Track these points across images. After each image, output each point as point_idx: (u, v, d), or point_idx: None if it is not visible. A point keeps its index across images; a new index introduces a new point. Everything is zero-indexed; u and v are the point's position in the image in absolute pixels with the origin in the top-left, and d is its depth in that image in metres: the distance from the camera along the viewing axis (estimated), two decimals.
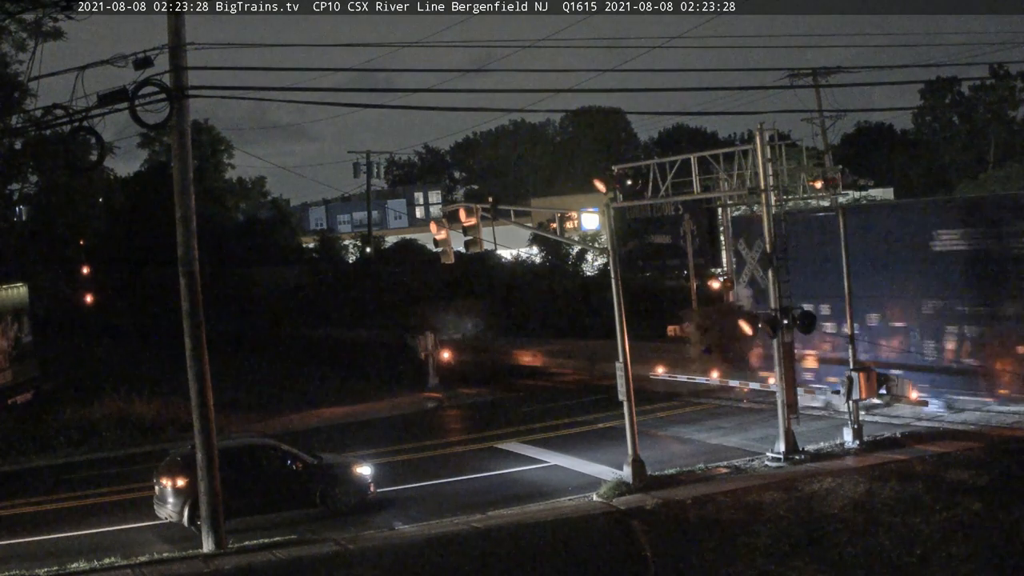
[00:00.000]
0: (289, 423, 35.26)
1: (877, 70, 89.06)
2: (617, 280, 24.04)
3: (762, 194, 24.88)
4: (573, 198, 75.86)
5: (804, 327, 24.64)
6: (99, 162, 23.73)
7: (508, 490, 24.55)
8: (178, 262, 20.60)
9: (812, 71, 57.39)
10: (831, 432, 26.73)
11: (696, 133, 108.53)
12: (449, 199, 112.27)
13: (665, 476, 23.81)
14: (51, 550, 21.53)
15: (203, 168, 69.20)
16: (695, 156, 26.83)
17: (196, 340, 20.52)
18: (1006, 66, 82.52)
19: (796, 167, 32.73)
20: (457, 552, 20.13)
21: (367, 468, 24.36)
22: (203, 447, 20.49)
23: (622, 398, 23.88)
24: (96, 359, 53.84)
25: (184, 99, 20.06)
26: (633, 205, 28.66)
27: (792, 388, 24.78)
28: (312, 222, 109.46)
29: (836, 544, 20.82)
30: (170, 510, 22.63)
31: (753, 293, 32.03)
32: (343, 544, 20.41)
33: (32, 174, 56.24)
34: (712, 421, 30.93)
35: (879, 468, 23.31)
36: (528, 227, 39.78)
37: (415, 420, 35.69)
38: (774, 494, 22.25)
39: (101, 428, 33.86)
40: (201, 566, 19.47)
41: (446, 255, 25.50)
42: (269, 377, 45.78)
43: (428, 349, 39.78)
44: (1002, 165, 68.27)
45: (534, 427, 32.10)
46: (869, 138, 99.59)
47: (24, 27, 41.50)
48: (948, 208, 29.61)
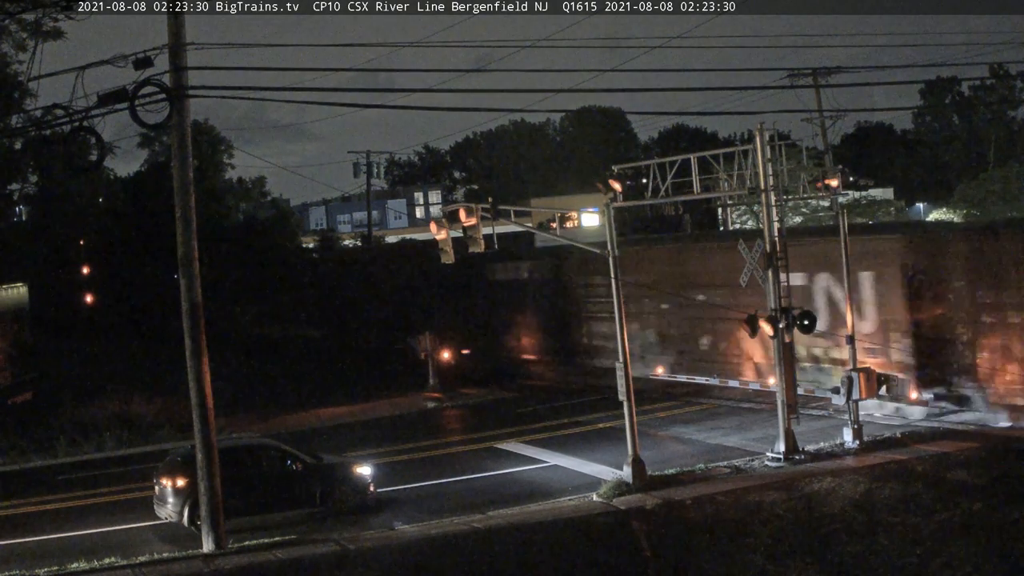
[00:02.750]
0: (289, 423, 35.26)
1: (877, 70, 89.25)
2: (617, 280, 24.06)
3: (762, 194, 24.89)
4: (573, 198, 75.86)
5: (804, 327, 24.67)
6: (99, 162, 23.79)
7: (508, 490, 24.55)
8: (178, 262, 20.62)
9: (812, 71, 57.45)
10: (831, 432, 26.74)
11: (696, 133, 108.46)
12: (449, 199, 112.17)
13: (665, 476, 23.82)
14: (51, 550, 21.52)
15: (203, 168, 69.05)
16: (695, 156, 26.82)
17: (196, 340, 20.53)
18: (1006, 66, 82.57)
19: (796, 167, 32.72)
20: (457, 552, 20.14)
21: (367, 468, 24.36)
22: (203, 447, 20.49)
23: (622, 398, 23.90)
24: (96, 359, 53.84)
25: (184, 99, 20.07)
26: (633, 205, 28.66)
27: (792, 388, 24.79)
28: (312, 222, 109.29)
29: (836, 544, 20.84)
30: (170, 510, 22.63)
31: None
32: (343, 544, 20.41)
33: (32, 174, 56.27)
34: (712, 421, 30.93)
35: (879, 468, 23.32)
36: (528, 227, 39.68)
37: (415, 420, 35.69)
38: (774, 494, 22.25)
39: (101, 428, 33.85)
40: (201, 566, 19.48)
41: (446, 255, 25.50)
42: (269, 377, 45.80)
43: (428, 349, 39.76)
44: (1002, 165, 68.25)
45: (534, 427, 32.11)
46: (869, 138, 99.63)
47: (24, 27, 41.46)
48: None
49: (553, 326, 41.97)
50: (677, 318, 36.03)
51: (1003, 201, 57.00)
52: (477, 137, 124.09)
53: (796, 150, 41.98)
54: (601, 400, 33.67)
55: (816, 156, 60.01)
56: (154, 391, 37.77)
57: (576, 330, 40.82)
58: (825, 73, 57.21)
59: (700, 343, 35.06)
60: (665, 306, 36.24)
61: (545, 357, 42.65)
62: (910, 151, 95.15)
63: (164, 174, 59.05)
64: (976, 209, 57.87)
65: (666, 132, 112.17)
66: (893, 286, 28.78)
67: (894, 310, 28.73)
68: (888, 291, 28.90)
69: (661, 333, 36.69)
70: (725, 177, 27.07)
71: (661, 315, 36.73)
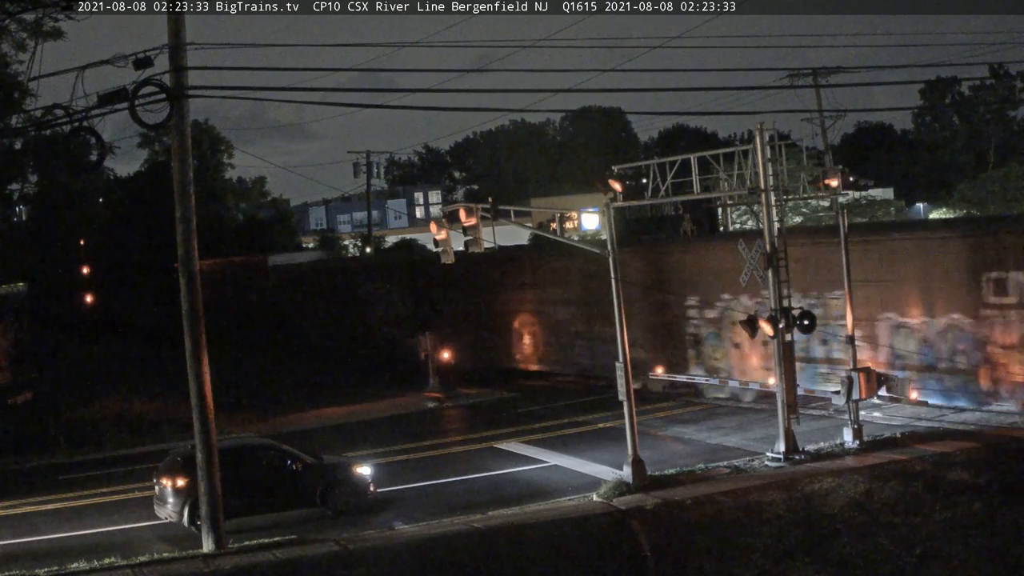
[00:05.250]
0: (289, 423, 35.26)
1: (877, 70, 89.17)
2: (617, 281, 24.04)
3: (762, 194, 24.88)
4: (573, 198, 75.94)
5: (804, 327, 24.64)
6: (99, 162, 23.77)
7: (508, 490, 24.55)
8: (178, 262, 20.62)
9: (812, 71, 57.48)
10: (831, 432, 26.72)
11: (696, 133, 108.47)
12: (449, 199, 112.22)
13: (665, 476, 23.81)
14: (51, 550, 21.53)
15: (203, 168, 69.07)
16: (695, 156, 26.81)
17: (196, 340, 20.53)
18: (1006, 66, 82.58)
19: (796, 167, 32.72)
20: (457, 552, 20.13)
21: (367, 468, 24.36)
22: (203, 447, 20.49)
23: (622, 398, 23.89)
24: (96, 359, 53.83)
25: (184, 99, 20.06)
26: (633, 205, 28.64)
27: (792, 388, 24.78)
28: (312, 222, 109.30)
29: (836, 544, 20.83)
30: (170, 510, 22.64)
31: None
32: (343, 544, 20.41)
33: (32, 174, 56.23)
34: (712, 421, 30.92)
35: (879, 468, 23.30)
36: (528, 227, 39.75)
37: (415, 420, 35.69)
38: (774, 494, 22.24)
39: (101, 428, 33.89)
40: (201, 566, 19.47)
41: (446, 255, 25.50)
42: (269, 377, 45.79)
43: (428, 349, 39.75)
44: (1002, 165, 68.28)
45: (534, 427, 32.10)
46: (869, 138, 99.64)
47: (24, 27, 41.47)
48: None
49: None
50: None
51: (1003, 201, 57.00)
52: (477, 137, 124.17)
53: (796, 150, 42.01)
54: (601, 400, 33.68)
55: (816, 156, 60.03)
56: (154, 391, 37.77)
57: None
58: (825, 73, 57.25)
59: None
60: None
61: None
62: (910, 151, 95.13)
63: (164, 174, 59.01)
64: (976, 209, 57.86)
65: (666, 132, 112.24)
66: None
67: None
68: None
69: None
70: (725, 177, 27.05)
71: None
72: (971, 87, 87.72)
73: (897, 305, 29.90)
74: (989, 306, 27.67)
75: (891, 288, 30.02)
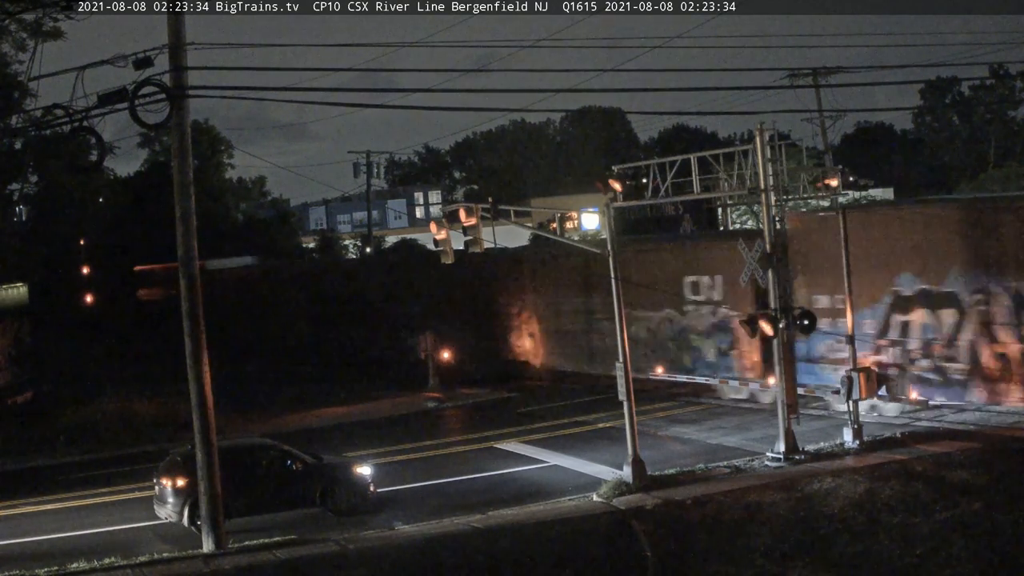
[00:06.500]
0: (289, 423, 35.25)
1: (877, 70, 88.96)
2: (617, 281, 24.04)
3: (762, 194, 24.88)
4: (573, 198, 75.81)
5: (804, 327, 24.64)
6: (99, 162, 23.86)
7: (508, 490, 24.55)
8: (178, 262, 20.61)
9: (812, 71, 57.42)
10: (831, 432, 26.73)
11: (696, 133, 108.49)
12: (449, 199, 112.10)
13: (665, 476, 23.81)
14: (51, 550, 21.53)
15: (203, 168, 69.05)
16: (695, 156, 26.83)
17: (196, 340, 20.52)
18: (1006, 66, 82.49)
19: (796, 167, 32.72)
20: (457, 552, 20.13)
21: (367, 468, 24.36)
22: (203, 447, 20.49)
23: (622, 398, 23.89)
24: (96, 359, 53.81)
25: (184, 99, 20.07)
26: (633, 205, 28.65)
27: (792, 388, 24.78)
28: (312, 222, 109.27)
29: (836, 544, 20.83)
30: (170, 510, 22.64)
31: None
32: (343, 544, 20.41)
33: (32, 174, 56.26)
34: (712, 421, 30.92)
35: (879, 468, 23.31)
36: (528, 227, 39.72)
37: (415, 420, 35.69)
38: (774, 494, 22.25)
39: (101, 428, 33.88)
40: (201, 566, 19.48)
41: (446, 255, 25.51)
42: (269, 377, 45.79)
43: (428, 349, 39.76)
44: (1002, 165, 68.32)
45: (534, 427, 32.11)
46: (869, 138, 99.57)
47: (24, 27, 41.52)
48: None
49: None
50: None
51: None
52: (477, 137, 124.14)
53: (796, 150, 41.96)
54: (601, 400, 33.67)
55: (816, 156, 60.00)
56: (154, 391, 37.74)
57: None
58: (825, 73, 57.17)
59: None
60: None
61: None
62: (910, 151, 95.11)
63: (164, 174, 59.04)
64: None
65: (666, 132, 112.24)
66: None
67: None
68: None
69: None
70: (725, 177, 27.08)
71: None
72: (971, 87, 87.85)
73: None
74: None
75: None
